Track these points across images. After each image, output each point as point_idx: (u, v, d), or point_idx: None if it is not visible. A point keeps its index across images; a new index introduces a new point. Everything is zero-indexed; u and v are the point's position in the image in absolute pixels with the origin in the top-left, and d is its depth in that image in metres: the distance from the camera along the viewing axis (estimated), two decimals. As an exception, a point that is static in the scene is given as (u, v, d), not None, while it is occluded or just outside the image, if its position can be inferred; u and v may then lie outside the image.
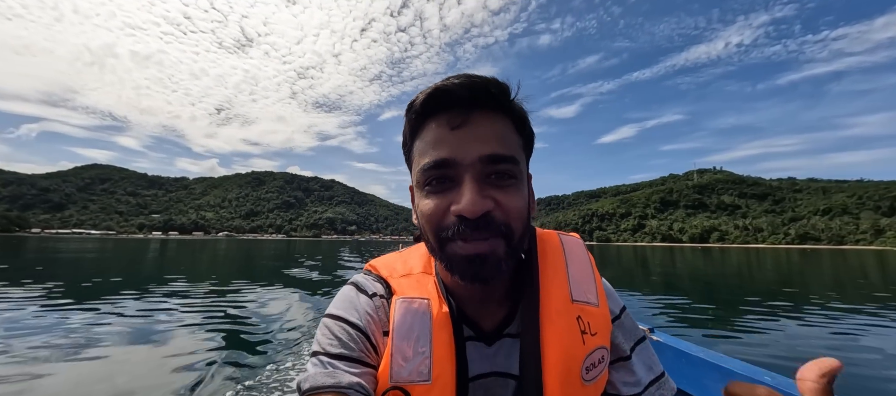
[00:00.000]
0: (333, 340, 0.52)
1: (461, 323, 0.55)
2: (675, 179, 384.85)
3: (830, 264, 24.89)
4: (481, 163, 0.48)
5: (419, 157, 0.51)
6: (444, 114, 0.50)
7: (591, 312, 0.56)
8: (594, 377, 0.54)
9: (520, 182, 0.51)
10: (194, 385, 3.12)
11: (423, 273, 0.60)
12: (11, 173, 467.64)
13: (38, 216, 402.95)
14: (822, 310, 7.21)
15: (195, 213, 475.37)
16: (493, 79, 0.50)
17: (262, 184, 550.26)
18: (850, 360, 4.11)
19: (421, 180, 0.51)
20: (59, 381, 3.16)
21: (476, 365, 0.55)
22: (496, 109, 0.51)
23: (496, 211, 0.48)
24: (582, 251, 0.62)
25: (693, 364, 1.13)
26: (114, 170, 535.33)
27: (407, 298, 0.55)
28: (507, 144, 0.50)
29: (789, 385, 0.87)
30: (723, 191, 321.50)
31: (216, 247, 42.63)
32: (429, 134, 0.51)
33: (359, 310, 0.55)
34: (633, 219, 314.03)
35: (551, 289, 0.56)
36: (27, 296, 7.10)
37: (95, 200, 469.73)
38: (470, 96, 0.49)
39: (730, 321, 6.35)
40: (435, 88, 0.49)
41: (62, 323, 5.17)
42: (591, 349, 0.53)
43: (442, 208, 0.49)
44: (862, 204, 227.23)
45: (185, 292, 8.26)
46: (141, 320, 5.49)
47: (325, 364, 0.50)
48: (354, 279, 0.61)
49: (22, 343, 4.16)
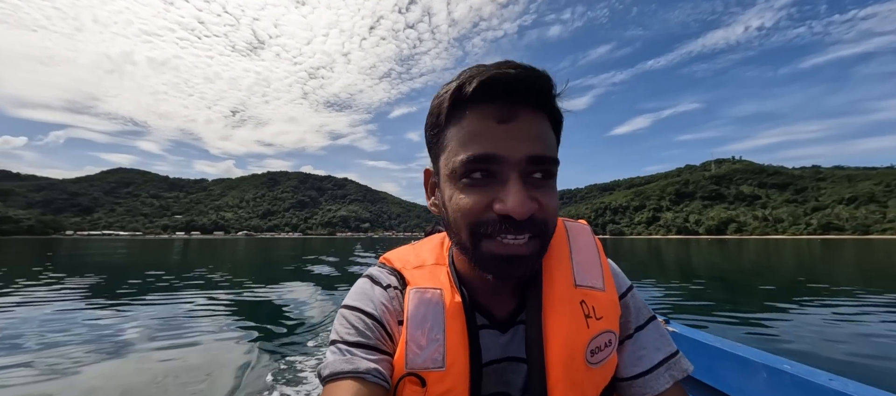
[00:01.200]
0: (350, 329, 0.53)
1: (474, 312, 0.55)
2: (692, 170, 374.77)
3: (854, 255, 23.87)
4: (527, 162, 0.46)
5: (457, 146, 0.49)
6: (490, 104, 0.47)
7: (595, 296, 0.56)
8: (600, 360, 0.54)
9: (555, 181, 0.51)
10: (245, 366, 3.56)
11: (435, 264, 0.60)
12: (44, 179, 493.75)
13: (69, 219, 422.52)
14: (842, 301, 7.06)
15: (215, 214, 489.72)
16: (545, 73, 0.48)
17: (278, 184, 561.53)
18: (875, 352, 3.97)
19: (458, 171, 0.48)
20: (125, 372, 3.46)
21: (490, 352, 0.55)
22: (540, 107, 0.49)
23: (538, 212, 0.47)
24: (587, 236, 0.62)
25: (710, 354, 1.12)
26: (137, 174, 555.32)
27: (420, 288, 0.56)
28: (549, 145, 0.49)
29: (810, 374, 0.86)
30: (741, 182, 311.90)
31: (237, 246, 44.53)
32: (471, 123, 0.48)
33: (374, 301, 0.56)
34: (648, 212, 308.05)
35: (555, 274, 0.56)
36: (75, 294, 7.66)
37: (121, 203, 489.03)
38: (523, 89, 0.46)
39: (747, 311, 6.31)
40: (489, 76, 0.46)
41: (112, 317, 5.63)
42: (595, 332, 0.53)
43: (482, 204, 0.47)
44: (890, 191, 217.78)
45: (218, 287, 8.91)
46: (183, 313, 5.99)
47: (343, 351, 0.52)
48: (369, 272, 0.62)
49: (75, 337, 4.52)
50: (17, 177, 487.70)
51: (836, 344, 4.21)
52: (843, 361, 3.68)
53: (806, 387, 0.84)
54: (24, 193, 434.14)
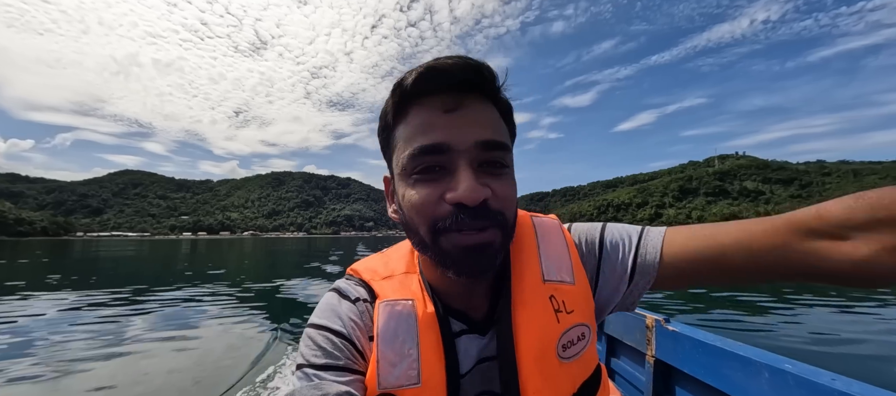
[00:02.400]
0: (317, 350, 0.51)
1: (448, 320, 0.54)
2: (695, 166, 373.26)
3: None
4: (477, 148, 0.45)
5: (405, 143, 0.48)
6: (435, 96, 0.46)
7: (565, 290, 0.54)
8: (574, 354, 0.53)
9: (511, 171, 0.50)
10: (260, 354, 4.01)
11: (406, 273, 0.58)
12: (53, 181, 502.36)
13: (79, 220, 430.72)
14: (839, 297, 7.10)
15: (221, 214, 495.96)
16: (485, 63, 0.47)
17: (282, 184, 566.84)
18: (871, 343, 3.96)
19: (408, 167, 0.47)
20: (150, 363, 3.83)
21: (471, 358, 0.54)
22: (487, 96, 0.49)
23: (492, 199, 0.46)
24: (556, 231, 0.60)
25: (710, 354, 1.11)
26: (144, 175, 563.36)
27: (390, 301, 0.54)
28: (500, 131, 0.49)
29: (813, 373, 0.85)
30: (745, 177, 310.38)
31: (244, 246, 46.96)
32: (417, 117, 0.47)
33: (342, 317, 0.53)
34: (650, 209, 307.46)
35: (523, 271, 0.55)
36: (94, 294, 8.20)
37: (129, 204, 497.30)
38: (465, 79, 0.46)
39: (746, 309, 6.32)
40: (428, 67, 0.45)
41: (132, 314, 6.14)
42: (566, 327, 0.52)
43: (434, 197, 0.46)
44: None
45: (230, 283, 9.72)
46: (199, 307, 6.67)
47: (310, 376, 0.49)
48: (336, 284, 0.59)
49: (104, 331, 5.00)
50: (26, 180, 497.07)
51: (835, 343, 4.19)
52: (844, 359, 3.66)
53: (809, 387, 0.83)
54: (35, 195, 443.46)
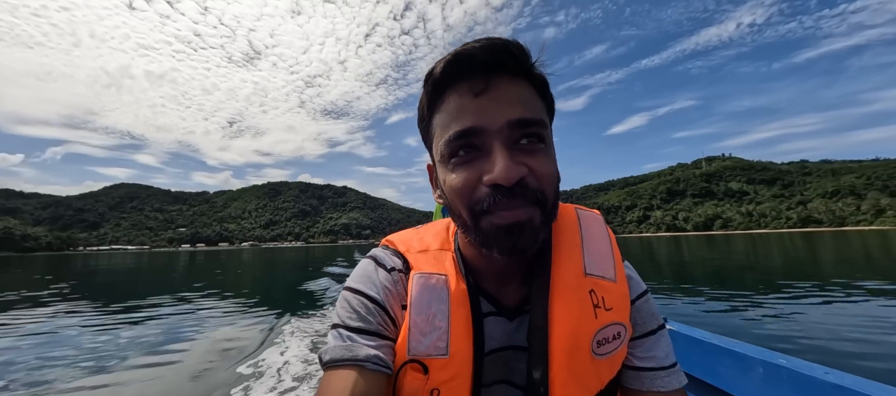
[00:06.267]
0: (352, 313, 0.53)
1: (479, 299, 0.55)
2: (684, 168, 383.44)
3: (832, 247, 23.79)
4: (509, 128, 0.46)
5: (441, 131, 0.49)
6: (464, 82, 0.47)
7: (605, 287, 0.54)
8: (607, 352, 0.52)
9: (549, 147, 0.49)
10: (264, 340, 4.55)
11: (440, 249, 0.59)
12: (49, 196, 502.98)
13: (76, 234, 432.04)
14: (822, 292, 7.24)
15: (219, 225, 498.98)
16: (513, 40, 0.47)
17: (279, 194, 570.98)
18: (854, 337, 4.01)
19: (445, 153, 0.49)
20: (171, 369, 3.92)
21: (495, 340, 0.55)
22: (517, 73, 0.48)
23: (530, 177, 0.46)
24: (600, 226, 0.60)
25: (707, 352, 1.13)
26: (140, 189, 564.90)
27: (424, 274, 0.55)
28: (534, 108, 0.48)
29: (806, 368, 0.87)
30: (731, 178, 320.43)
31: (243, 256, 45.96)
32: (449, 105, 0.48)
33: (377, 284, 0.55)
34: (639, 211, 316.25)
35: (564, 262, 0.55)
36: (98, 307, 7.92)
37: (126, 217, 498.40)
38: (492, 60, 0.46)
39: (740, 306, 6.32)
40: (454, 55, 0.47)
41: (141, 326, 6.05)
42: (603, 323, 0.52)
43: (472, 180, 0.47)
44: (870, 184, 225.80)
45: (234, 292, 9.51)
46: (205, 314, 6.82)
47: (343, 337, 0.51)
48: (373, 253, 0.61)
49: (116, 342, 5.04)
50: (21, 196, 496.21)
51: (829, 338, 4.24)
52: (835, 352, 3.76)
53: (802, 381, 0.85)
54: (32, 211, 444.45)
